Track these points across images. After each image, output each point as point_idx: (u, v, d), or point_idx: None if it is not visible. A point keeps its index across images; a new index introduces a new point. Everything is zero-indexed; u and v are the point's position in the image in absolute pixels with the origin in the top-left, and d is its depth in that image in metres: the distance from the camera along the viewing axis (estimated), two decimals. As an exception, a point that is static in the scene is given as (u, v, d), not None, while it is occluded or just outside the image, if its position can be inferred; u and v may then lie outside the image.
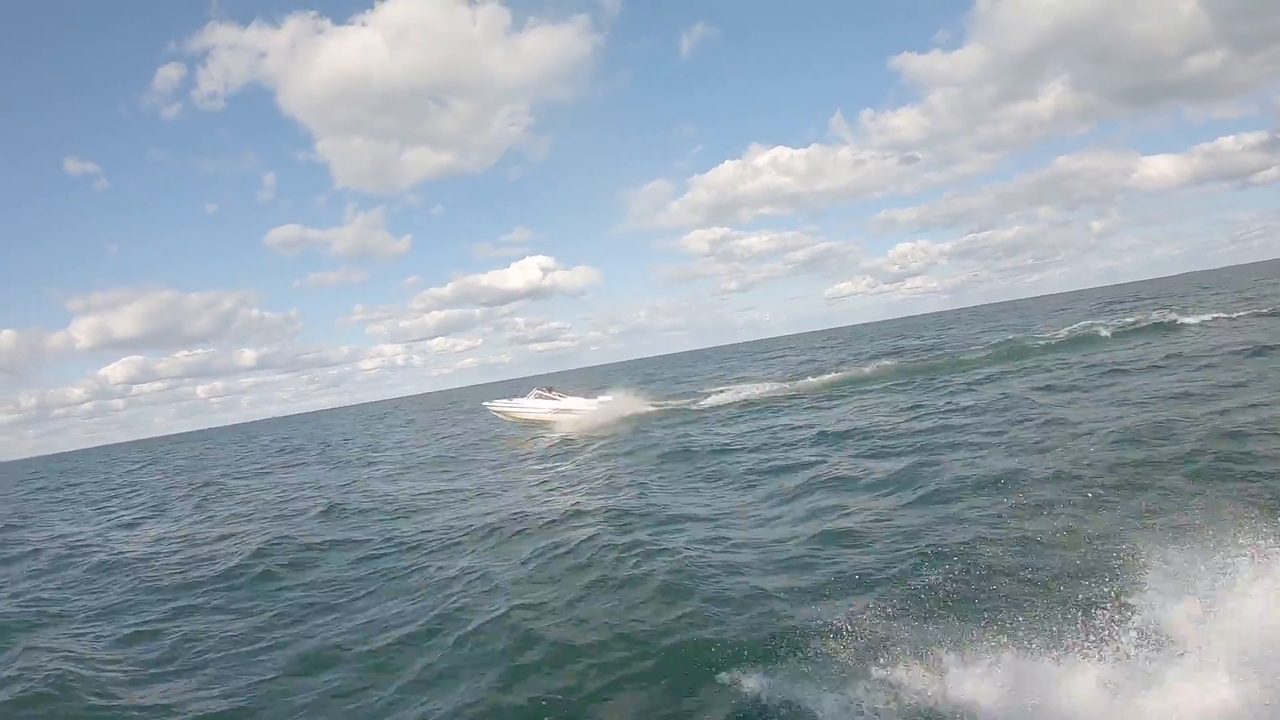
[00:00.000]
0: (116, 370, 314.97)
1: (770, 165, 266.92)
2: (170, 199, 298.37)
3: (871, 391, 24.23)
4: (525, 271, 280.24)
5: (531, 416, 28.35)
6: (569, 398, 28.71)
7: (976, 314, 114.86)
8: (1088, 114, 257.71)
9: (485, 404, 32.17)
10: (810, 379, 30.63)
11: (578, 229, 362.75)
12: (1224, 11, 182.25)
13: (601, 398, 28.94)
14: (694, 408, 27.54)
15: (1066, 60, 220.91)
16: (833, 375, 30.38)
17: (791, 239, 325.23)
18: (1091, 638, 5.02)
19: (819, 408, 22.37)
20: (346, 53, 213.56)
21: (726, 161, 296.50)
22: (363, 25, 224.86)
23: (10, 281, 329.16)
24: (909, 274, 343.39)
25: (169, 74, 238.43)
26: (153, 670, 7.98)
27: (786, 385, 29.73)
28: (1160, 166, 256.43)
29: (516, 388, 40.45)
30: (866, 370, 30.76)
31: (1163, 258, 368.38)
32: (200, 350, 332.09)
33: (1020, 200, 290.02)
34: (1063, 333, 31.43)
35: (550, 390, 29.31)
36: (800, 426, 18.69)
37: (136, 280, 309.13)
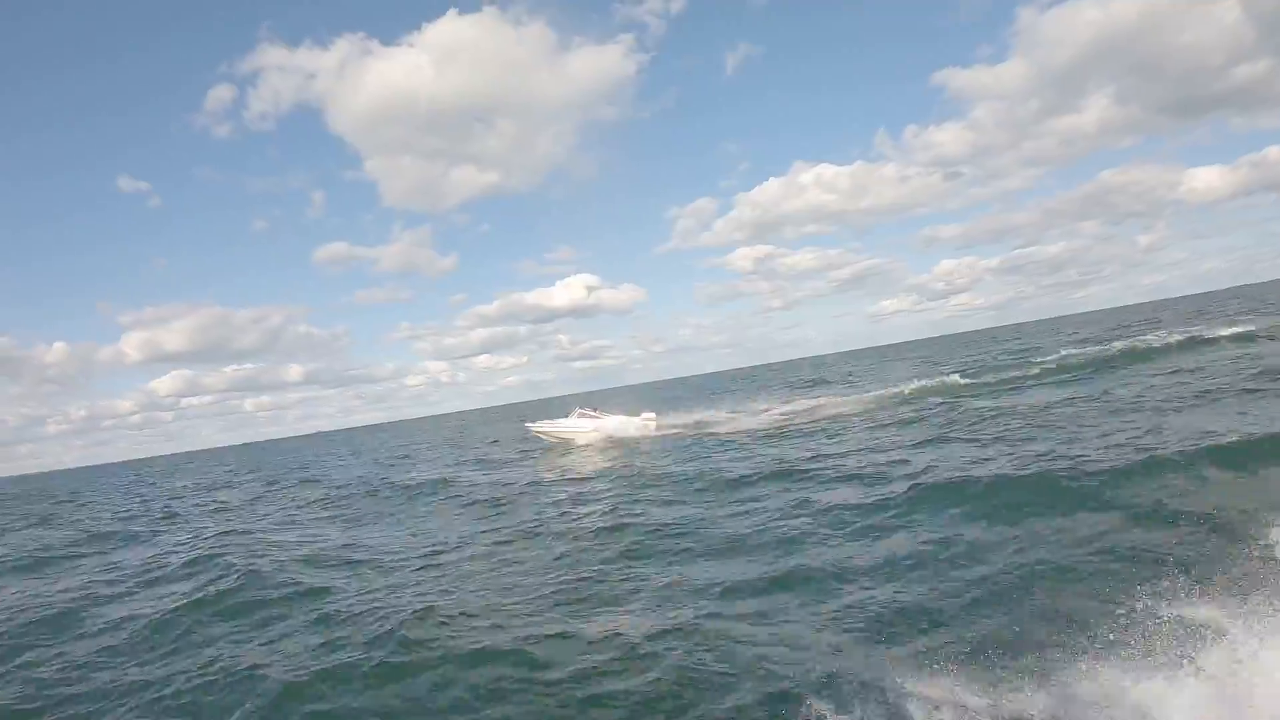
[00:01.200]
0: (165, 383, 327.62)
1: (814, 182, 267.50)
2: (220, 216, 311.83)
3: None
4: (570, 289, 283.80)
5: (573, 436, 28.99)
6: (611, 417, 29.37)
7: (1082, 320, 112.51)
8: (1132, 127, 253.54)
9: (528, 425, 32.78)
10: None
11: (622, 247, 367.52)
12: (1269, 20, 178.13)
13: (645, 415, 29.43)
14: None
15: (1110, 73, 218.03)
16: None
17: (836, 256, 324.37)
18: None
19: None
20: (394, 73, 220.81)
21: (771, 179, 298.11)
22: (410, 46, 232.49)
23: (64, 296, 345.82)
24: (953, 291, 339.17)
25: (220, 95, 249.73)
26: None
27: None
28: (1207, 178, 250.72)
29: (559, 406, 41.33)
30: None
31: (1210, 272, 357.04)
32: (248, 365, 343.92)
33: (1065, 215, 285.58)
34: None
35: (595, 410, 29.99)
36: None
37: (186, 295, 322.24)
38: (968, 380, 29.38)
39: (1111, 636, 5.52)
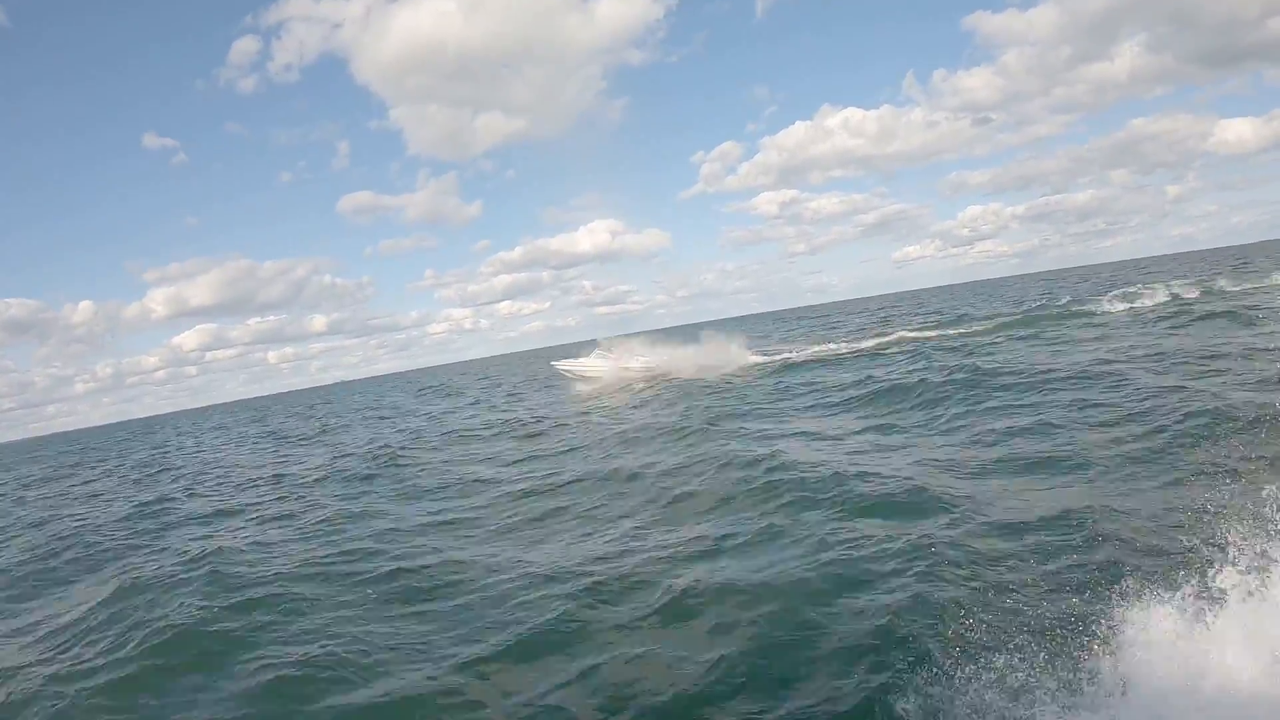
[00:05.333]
0: (190, 338, 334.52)
1: (841, 127, 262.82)
2: (246, 170, 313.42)
3: None
4: (594, 235, 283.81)
5: (594, 373, 31.68)
6: (628, 354, 31.87)
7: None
8: (1164, 76, 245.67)
9: (553, 363, 35.71)
10: None
11: (647, 192, 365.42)
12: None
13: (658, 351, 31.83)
14: None
15: (1143, 21, 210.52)
16: None
17: (861, 201, 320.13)
18: None
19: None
20: (420, 21, 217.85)
21: (797, 123, 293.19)
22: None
23: (90, 255, 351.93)
24: (979, 237, 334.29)
25: (245, 47, 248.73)
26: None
27: None
28: (1238, 130, 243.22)
29: (580, 350, 43.36)
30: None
31: (1240, 225, 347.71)
32: (272, 317, 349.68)
33: (1094, 164, 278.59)
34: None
35: (611, 348, 32.62)
36: None
37: (212, 250, 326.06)
38: None
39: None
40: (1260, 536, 4.53)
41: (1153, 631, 4.33)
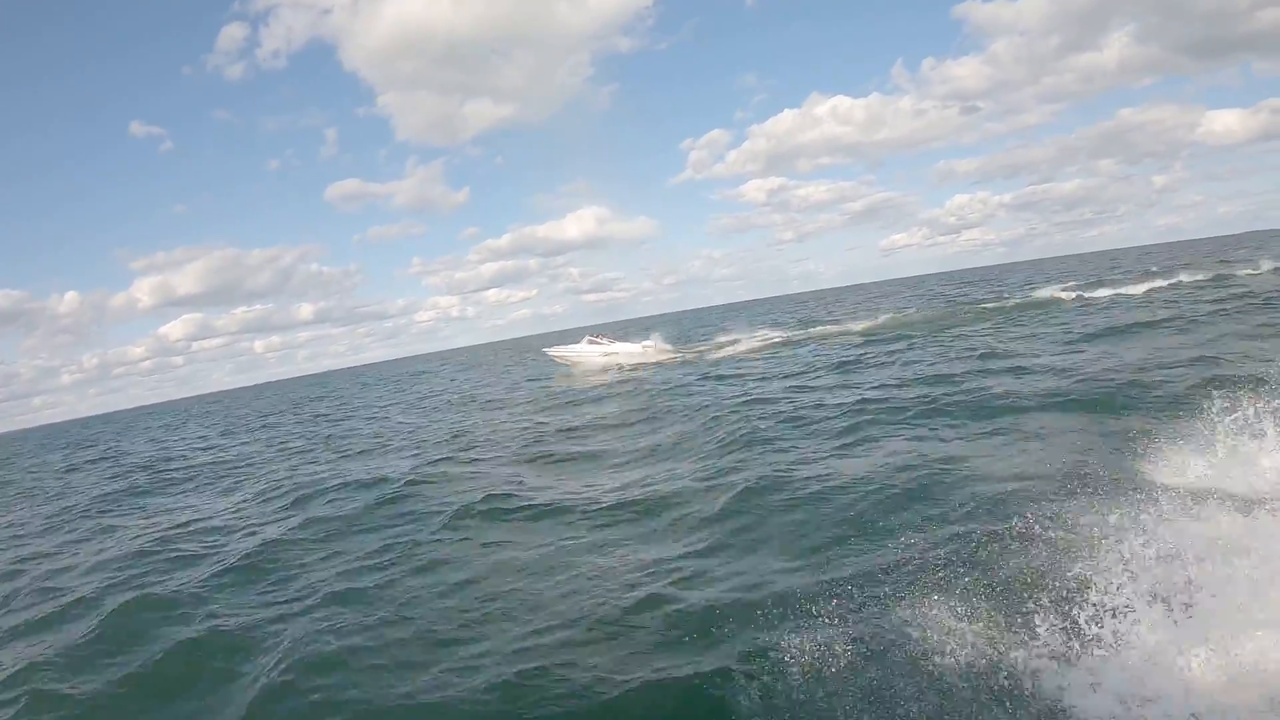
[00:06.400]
0: (176, 328, 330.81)
1: (830, 115, 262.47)
2: (233, 158, 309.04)
3: None
4: (582, 222, 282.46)
5: (583, 360, 33.12)
6: (616, 343, 33.64)
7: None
8: (1153, 66, 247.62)
9: (545, 350, 37.26)
10: None
11: (635, 179, 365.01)
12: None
13: (644, 343, 33.68)
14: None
15: (1132, 11, 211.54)
16: None
17: (849, 189, 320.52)
18: None
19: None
20: (410, 6, 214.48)
21: (786, 111, 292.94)
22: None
23: (76, 244, 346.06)
24: (965, 226, 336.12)
25: (232, 34, 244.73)
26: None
27: None
28: (1226, 121, 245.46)
29: (568, 338, 44.29)
30: None
31: (1227, 215, 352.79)
32: (259, 306, 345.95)
33: (1082, 153, 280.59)
34: None
35: (600, 337, 34.53)
36: None
37: (198, 239, 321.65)
38: None
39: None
40: None
41: None
